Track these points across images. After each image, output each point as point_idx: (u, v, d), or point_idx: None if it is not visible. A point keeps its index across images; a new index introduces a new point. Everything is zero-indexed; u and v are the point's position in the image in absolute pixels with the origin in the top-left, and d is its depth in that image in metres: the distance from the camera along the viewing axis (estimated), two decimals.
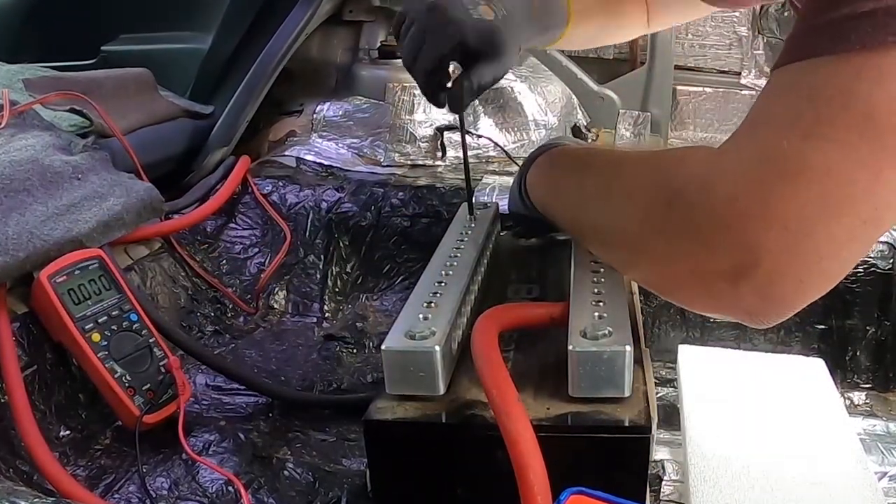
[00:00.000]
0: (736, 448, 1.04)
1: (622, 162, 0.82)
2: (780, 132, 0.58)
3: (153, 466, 1.08)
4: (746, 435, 1.08)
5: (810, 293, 0.62)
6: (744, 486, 0.98)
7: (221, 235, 1.66)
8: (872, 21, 0.54)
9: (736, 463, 1.01)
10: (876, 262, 1.39)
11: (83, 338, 1.10)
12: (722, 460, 1.02)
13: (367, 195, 1.68)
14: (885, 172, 0.55)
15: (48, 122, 1.42)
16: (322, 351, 1.45)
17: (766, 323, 0.65)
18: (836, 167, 0.56)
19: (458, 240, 1.08)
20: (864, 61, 0.54)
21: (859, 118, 0.55)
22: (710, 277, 0.63)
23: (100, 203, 1.27)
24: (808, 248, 0.58)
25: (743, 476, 0.99)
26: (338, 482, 1.07)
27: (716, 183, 0.61)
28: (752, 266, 0.60)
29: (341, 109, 1.99)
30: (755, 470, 1.00)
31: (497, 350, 0.77)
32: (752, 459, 1.02)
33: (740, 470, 1.00)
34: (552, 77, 2.13)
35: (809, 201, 0.57)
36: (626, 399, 0.76)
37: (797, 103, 0.58)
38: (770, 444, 1.06)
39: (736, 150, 0.62)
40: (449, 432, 0.78)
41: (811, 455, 1.04)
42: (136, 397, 1.11)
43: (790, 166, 0.57)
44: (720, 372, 1.23)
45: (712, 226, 0.61)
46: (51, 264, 1.12)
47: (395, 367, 0.79)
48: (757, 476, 0.99)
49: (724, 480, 0.98)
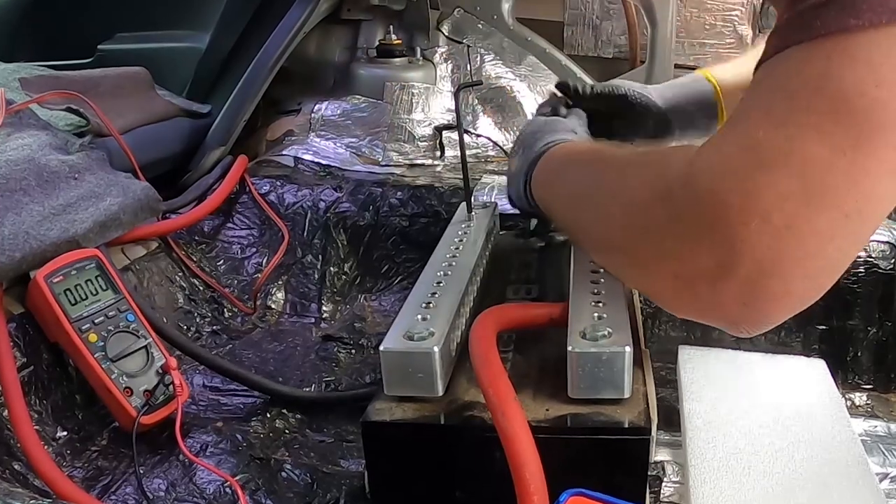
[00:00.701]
0: (737, 449, 1.04)
1: (610, 163, 0.81)
2: (757, 123, 0.58)
3: (150, 468, 1.08)
4: (747, 436, 1.07)
5: (795, 298, 0.60)
6: (744, 487, 0.98)
7: (219, 235, 1.66)
8: (838, 6, 0.54)
9: (737, 464, 1.01)
10: (877, 262, 1.39)
11: (80, 338, 1.10)
12: (722, 461, 1.02)
13: (365, 195, 1.68)
14: (861, 159, 0.55)
15: (44, 121, 1.42)
16: (320, 351, 1.45)
17: (750, 331, 0.64)
18: (812, 155, 0.55)
19: (456, 240, 1.08)
20: (833, 46, 0.54)
21: (832, 103, 0.54)
22: (693, 279, 0.62)
23: (96, 203, 1.27)
24: (790, 243, 0.57)
25: (744, 477, 0.99)
26: (336, 483, 1.07)
27: (697, 178, 0.61)
28: (734, 265, 0.58)
29: (339, 108, 1.99)
30: (756, 471, 1.00)
31: (494, 349, 0.77)
32: (753, 460, 1.02)
33: (741, 471, 1.00)
34: (551, 76, 2.13)
35: (790, 192, 0.56)
36: (625, 400, 0.76)
37: (772, 94, 0.58)
38: (771, 446, 1.05)
39: (716, 145, 0.61)
40: (447, 434, 0.79)
41: (812, 457, 1.04)
42: (133, 398, 1.11)
43: (767, 155, 0.57)
44: (721, 373, 1.23)
45: (694, 222, 0.60)
46: (47, 264, 1.12)
47: (393, 368, 0.79)
48: (758, 477, 0.99)
49: (724, 482, 0.98)
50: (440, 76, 2.07)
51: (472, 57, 2.09)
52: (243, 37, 1.87)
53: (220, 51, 1.92)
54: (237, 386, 1.29)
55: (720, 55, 2.31)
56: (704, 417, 1.11)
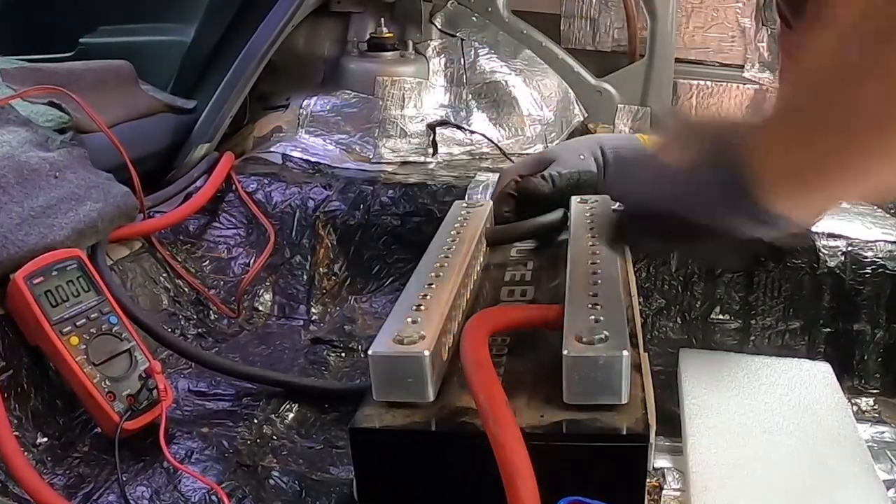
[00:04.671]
0: (739, 456, 1.04)
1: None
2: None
3: (133, 475, 1.08)
4: (750, 442, 1.08)
5: None
6: (747, 495, 0.98)
7: (204, 235, 1.66)
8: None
9: (739, 471, 1.01)
10: (884, 263, 1.39)
11: (61, 341, 1.10)
12: (724, 469, 1.02)
13: (355, 193, 1.68)
14: None
15: (24, 117, 1.42)
16: (309, 355, 1.45)
17: None
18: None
19: (449, 240, 1.08)
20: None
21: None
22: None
23: (76, 207, 1.27)
24: None
25: (746, 485, 0.99)
26: (325, 491, 1.07)
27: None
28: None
29: (329, 104, 1.99)
30: (759, 479, 1.00)
31: (486, 353, 0.77)
32: (756, 468, 1.02)
33: (744, 479, 1.00)
34: (548, 70, 2.13)
35: None
36: (623, 406, 0.76)
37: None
38: (775, 452, 1.06)
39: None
40: (439, 441, 0.78)
41: (817, 463, 1.04)
42: (116, 403, 1.10)
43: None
44: (722, 377, 1.23)
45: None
46: (27, 265, 1.11)
47: (382, 372, 0.78)
48: (761, 485, 1.00)
49: (726, 490, 0.98)
50: (433, 71, 2.07)
51: (466, 51, 2.09)
52: (230, 29, 1.87)
53: (206, 44, 1.92)
54: (223, 390, 1.29)
55: (722, 49, 2.31)
56: (706, 423, 1.11)
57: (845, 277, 1.40)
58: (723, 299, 1.48)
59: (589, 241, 1.03)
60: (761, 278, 1.45)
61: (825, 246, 1.42)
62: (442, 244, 1.06)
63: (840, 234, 1.43)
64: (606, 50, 2.35)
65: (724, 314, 1.49)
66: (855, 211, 1.51)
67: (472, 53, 2.09)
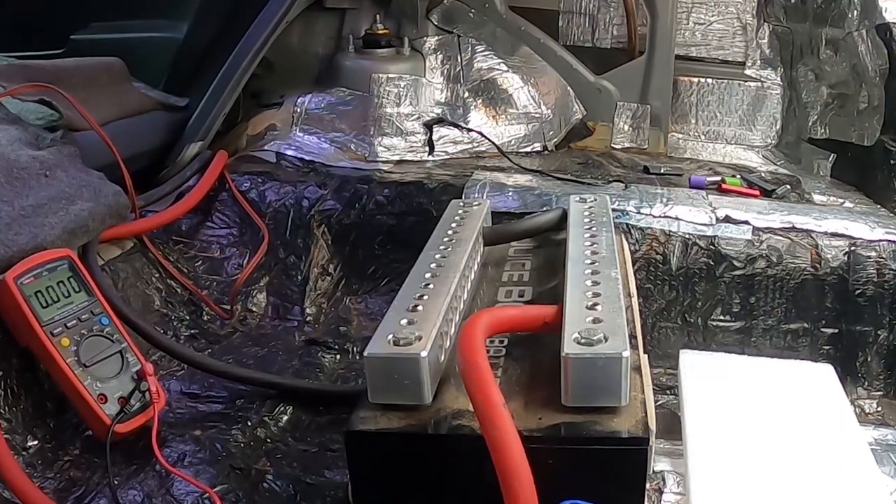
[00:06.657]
0: (740, 459, 1.04)
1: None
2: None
3: (125, 478, 1.08)
4: (751, 445, 1.08)
5: None
6: (749, 499, 0.98)
7: (197, 235, 1.66)
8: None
9: (740, 475, 1.01)
10: (887, 264, 1.39)
11: (51, 342, 1.10)
12: (725, 472, 1.02)
13: (350, 192, 1.68)
14: None
15: (14, 114, 1.42)
16: (304, 356, 1.45)
17: None
18: None
19: (446, 239, 1.08)
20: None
21: None
22: None
23: (66, 206, 1.27)
24: None
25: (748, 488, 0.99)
26: (320, 495, 1.07)
27: None
28: None
29: (324, 102, 1.99)
30: (761, 482, 1.01)
31: (483, 354, 0.77)
32: (758, 471, 1.02)
33: (745, 482, 1.00)
34: (546, 68, 2.13)
35: None
36: (622, 408, 0.76)
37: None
38: (776, 455, 1.06)
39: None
40: (435, 444, 0.78)
41: (820, 466, 1.04)
42: (108, 405, 1.10)
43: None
44: (724, 379, 1.23)
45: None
46: (17, 265, 1.11)
47: (378, 374, 0.78)
48: (763, 488, 1.00)
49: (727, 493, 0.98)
50: (429, 67, 2.07)
51: (463, 47, 2.09)
52: (223, 26, 1.87)
53: (199, 41, 1.92)
54: (216, 393, 1.28)
55: (723, 45, 2.31)
56: (707, 426, 1.11)
57: (848, 278, 1.40)
58: (724, 300, 1.48)
59: (588, 241, 1.03)
60: (762, 279, 1.45)
61: (827, 246, 1.42)
62: (438, 244, 1.06)
63: (842, 234, 1.43)
64: (606, 47, 2.35)
65: (725, 315, 1.49)
66: (857, 210, 1.51)
67: (470, 50, 2.09)
